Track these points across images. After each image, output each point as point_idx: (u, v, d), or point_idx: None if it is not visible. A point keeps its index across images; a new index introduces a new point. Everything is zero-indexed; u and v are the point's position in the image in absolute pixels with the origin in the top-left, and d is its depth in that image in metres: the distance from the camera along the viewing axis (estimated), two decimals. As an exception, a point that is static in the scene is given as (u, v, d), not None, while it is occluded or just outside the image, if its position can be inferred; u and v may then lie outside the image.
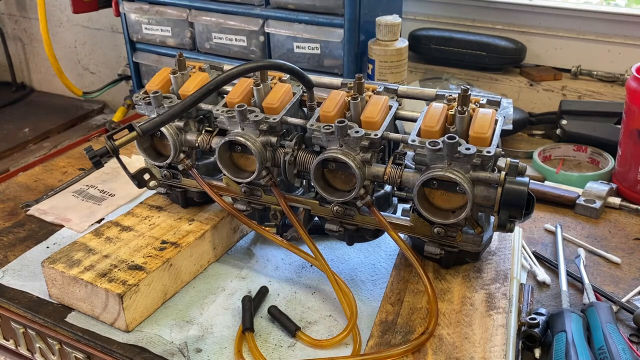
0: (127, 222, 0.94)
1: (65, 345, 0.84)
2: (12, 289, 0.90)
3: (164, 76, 0.94)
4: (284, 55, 1.47)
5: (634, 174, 1.11)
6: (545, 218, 1.06)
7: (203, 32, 1.57)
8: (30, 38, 2.45)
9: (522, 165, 0.76)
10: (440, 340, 0.73)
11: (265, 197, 0.89)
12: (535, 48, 1.54)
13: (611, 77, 1.45)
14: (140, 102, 0.91)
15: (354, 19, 1.34)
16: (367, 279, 0.91)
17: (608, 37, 1.46)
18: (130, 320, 0.80)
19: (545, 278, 0.90)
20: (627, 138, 1.12)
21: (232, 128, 0.86)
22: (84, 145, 1.38)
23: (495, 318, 0.76)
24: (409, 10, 1.61)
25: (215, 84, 0.78)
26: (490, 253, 0.87)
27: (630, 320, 0.82)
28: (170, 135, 0.88)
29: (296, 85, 0.90)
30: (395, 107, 0.84)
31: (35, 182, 1.20)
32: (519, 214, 0.76)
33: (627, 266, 0.94)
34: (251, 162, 0.87)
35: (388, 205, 0.88)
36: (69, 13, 2.16)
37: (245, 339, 0.79)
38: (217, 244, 0.95)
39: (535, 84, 1.51)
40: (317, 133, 0.80)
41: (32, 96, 2.43)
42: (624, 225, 1.05)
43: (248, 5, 1.47)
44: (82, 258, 0.85)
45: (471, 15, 1.61)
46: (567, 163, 1.31)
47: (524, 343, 0.78)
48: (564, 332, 0.75)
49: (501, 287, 0.81)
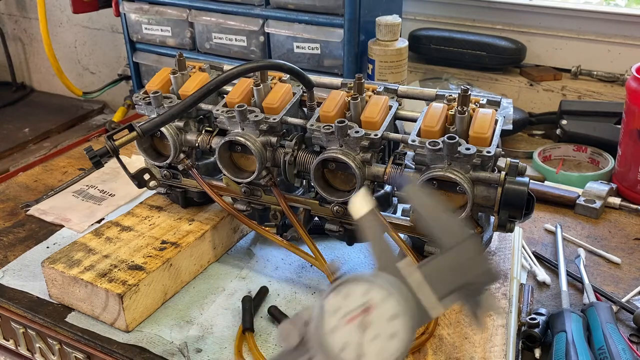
0: (127, 222, 0.94)
1: (65, 346, 0.84)
2: (12, 289, 0.90)
3: (164, 76, 0.94)
4: (284, 55, 1.47)
5: (634, 174, 1.11)
6: (545, 218, 1.06)
7: (203, 32, 1.57)
8: (30, 38, 2.45)
9: (522, 165, 0.76)
10: (440, 341, 0.73)
11: (265, 197, 0.89)
12: (535, 48, 1.54)
13: (611, 77, 1.45)
14: (140, 102, 0.91)
15: (354, 19, 1.34)
16: (367, 279, 0.91)
17: (608, 37, 1.46)
18: (130, 320, 0.80)
19: (545, 278, 0.90)
20: (627, 138, 1.12)
21: (232, 128, 0.86)
22: (84, 145, 1.38)
23: (495, 318, 0.76)
24: (409, 10, 1.61)
25: (215, 84, 0.78)
26: (490, 253, 0.87)
27: (630, 321, 0.82)
28: (170, 135, 0.88)
29: (296, 85, 0.90)
30: (395, 107, 0.84)
31: (35, 182, 1.20)
32: (519, 214, 0.76)
33: (627, 266, 0.94)
34: (251, 162, 0.87)
35: (388, 205, 0.88)
36: (69, 13, 2.16)
37: (245, 339, 0.79)
38: (217, 244, 0.95)
39: (535, 84, 1.51)
40: (317, 133, 0.80)
41: (32, 96, 2.43)
42: (624, 225, 1.05)
43: (248, 5, 1.47)
44: (82, 258, 0.85)
45: (471, 15, 1.61)
46: (567, 163, 1.31)
47: (524, 343, 0.78)
48: (564, 332, 0.75)
49: (501, 287, 0.81)
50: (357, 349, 0.36)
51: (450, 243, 0.39)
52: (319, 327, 0.36)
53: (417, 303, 0.37)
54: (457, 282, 0.38)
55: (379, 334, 0.36)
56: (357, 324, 0.36)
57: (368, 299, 0.36)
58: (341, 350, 0.36)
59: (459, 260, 0.38)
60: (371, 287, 0.37)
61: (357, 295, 0.36)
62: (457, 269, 0.38)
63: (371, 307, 0.36)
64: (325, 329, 0.36)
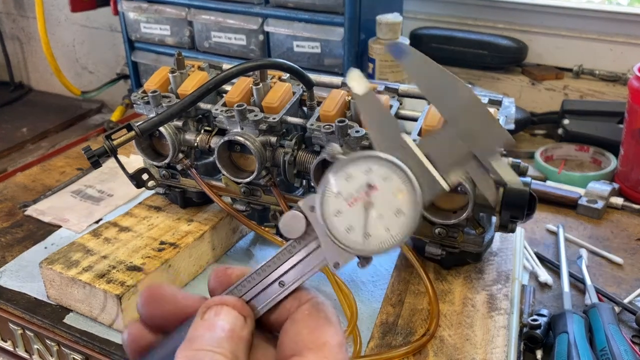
0: (125, 222, 0.93)
1: (63, 347, 0.83)
2: (9, 290, 0.89)
3: (162, 75, 0.93)
4: (284, 54, 1.46)
5: (636, 173, 1.10)
6: (547, 218, 1.06)
7: (202, 30, 1.57)
8: (28, 37, 2.44)
9: (524, 165, 0.76)
10: (442, 342, 0.72)
11: (264, 197, 0.88)
12: (537, 47, 1.54)
13: (613, 76, 1.45)
14: (139, 102, 0.90)
15: (355, 17, 1.33)
16: (367, 280, 0.90)
17: (610, 36, 1.46)
18: (128, 321, 0.79)
19: (547, 279, 0.89)
20: (630, 138, 1.11)
21: (231, 127, 0.85)
22: (82, 145, 1.37)
23: (497, 319, 0.75)
24: (410, 8, 1.60)
25: (214, 83, 0.77)
26: (491, 254, 0.87)
27: (632, 322, 0.82)
28: (169, 135, 0.88)
29: (296, 84, 0.89)
30: (396, 106, 0.84)
31: (33, 182, 1.19)
32: (520, 215, 0.75)
33: (629, 267, 0.93)
34: (250, 162, 0.87)
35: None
36: (67, 12, 2.15)
37: (245, 340, 0.78)
38: (217, 245, 0.94)
39: (537, 83, 1.50)
40: (317, 133, 0.80)
41: (30, 95, 2.42)
42: (627, 225, 1.04)
43: (247, 3, 1.46)
44: (81, 259, 0.84)
45: (473, 14, 1.60)
46: (569, 163, 1.30)
47: (525, 344, 0.77)
48: (565, 333, 0.75)
49: (503, 288, 0.80)
50: (363, 230, 0.35)
51: (455, 109, 0.37)
52: (323, 212, 0.36)
53: (424, 176, 0.36)
54: (467, 151, 0.36)
55: (384, 212, 0.35)
56: (361, 204, 0.35)
57: (370, 177, 0.35)
58: (347, 233, 0.35)
59: (467, 126, 0.36)
60: (372, 165, 0.35)
61: (359, 175, 0.36)
62: (466, 135, 0.36)
63: (374, 185, 0.35)
64: (329, 213, 0.36)
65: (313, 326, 0.36)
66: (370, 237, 0.36)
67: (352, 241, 0.36)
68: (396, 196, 0.35)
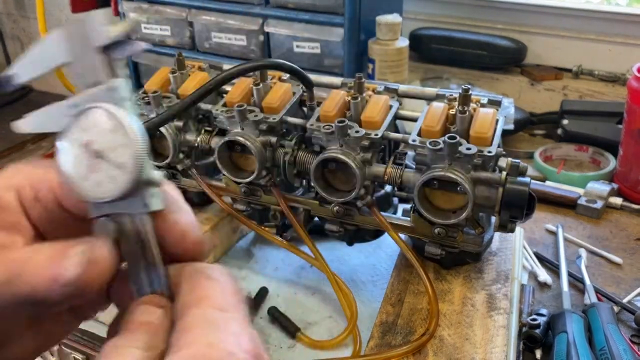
0: (126, 222, 0.93)
1: (64, 346, 0.83)
2: (10, 290, 0.89)
3: (163, 76, 0.93)
4: (284, 55, 1.47)
5: (635, 174, 1.10)
6: (546, 218, 1.06)
7: (202, 31, 1.57)
8: (29, 37, 2.45)
9: (523, 165, 0.76)
10: (441, 341, 0.73)
11: (265, 197, 0.88)
12: (536, 47, 1.54)
13: (612, 76, 1.45)
14: (139, 102, 0.91)
15: (354, 18, 1.33)
16: (367, 280, 0.90)
17: (609, 36, 1.46)
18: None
19: (547, 278, 0.89)
20: (629, 138, 1.11)
21: (231, 128, 0.86)
22: (83, 145, 1.37)
23: (496, 319, 0.75)
24: (409, 9, 1.61)
25: (214, 83, 0.77)
26: (491, 253, 0.87)
27: (631, 321, 0.82)
28: (169, 135, 0.88)
29: (296, 84, 0.89)
30: (395, 106, 0.84)
31: (34, 182, 1.19)
32: (520, 214, 0.75)
33: (628, 267, 0.94)
34: (251, 162, 0.87)
35: (388, 205, 0.88)
36: (67, 12, 2.15)
37: (245, 340, 0.78)
38: (217, 245, 0.94)
39: (536, 84, 1.50)
40: (317, 133, 0.80)
41: (31, 96, 2.42)
42: (626, 225, 1.04)
43: (247, 4, 1.46)
44: (81, 258, 0.84)
45: (472, 14, 1.60)
46: (569, 163, 1.31)
47: (525, 344, 0.77)
48: (565, 332, 0.75)
49: (502, 288, 0.80)
50: (96, 179, 0.36)
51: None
52: (63, 161, 0.37)
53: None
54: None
55: (107, 165, 0.36)
56: (90, 154, 0.36)
57: (95, 130, 0.37)
58: (81, 180, 0.36)
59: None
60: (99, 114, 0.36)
61: (90, 125, 0.37)
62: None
63: (95, 139, 0.36)
64: (66, 161, 0.37)
65: (191, 286, 0.35)
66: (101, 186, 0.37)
67: None
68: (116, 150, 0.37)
